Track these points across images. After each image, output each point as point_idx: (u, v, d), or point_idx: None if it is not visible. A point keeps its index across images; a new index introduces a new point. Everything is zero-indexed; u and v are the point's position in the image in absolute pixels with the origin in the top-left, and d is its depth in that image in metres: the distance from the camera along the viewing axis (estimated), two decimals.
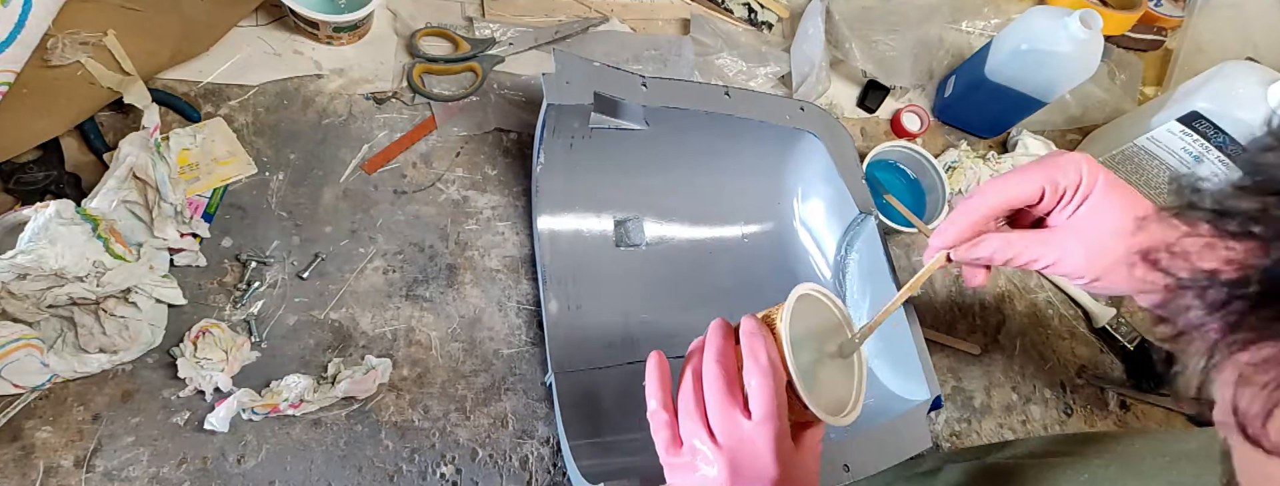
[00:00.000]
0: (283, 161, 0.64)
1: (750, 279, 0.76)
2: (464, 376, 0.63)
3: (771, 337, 0.47)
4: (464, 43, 0.73)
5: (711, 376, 0.47)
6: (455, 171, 0.70)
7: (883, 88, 0.88)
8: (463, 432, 0.61)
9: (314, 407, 0.57)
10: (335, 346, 0.60)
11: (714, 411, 0.46)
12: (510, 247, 0.69)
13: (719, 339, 0.49)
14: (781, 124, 0.71)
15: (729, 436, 0.45)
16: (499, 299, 0.67)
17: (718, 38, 0.82)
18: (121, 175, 0.54)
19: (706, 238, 0.77)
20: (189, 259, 0.58)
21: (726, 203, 0.77)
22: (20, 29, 0.51)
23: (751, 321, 0.48)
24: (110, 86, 0.56)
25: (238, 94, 0.64)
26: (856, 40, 0.83)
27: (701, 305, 0.74)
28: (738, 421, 0.45)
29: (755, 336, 0.47)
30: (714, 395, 0.46)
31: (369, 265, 0.64)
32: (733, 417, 0.45)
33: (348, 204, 0.65)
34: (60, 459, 0.51)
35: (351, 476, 0.57)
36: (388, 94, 0.69)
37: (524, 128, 0.73)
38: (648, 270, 0.73)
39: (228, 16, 0.64)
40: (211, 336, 0.56)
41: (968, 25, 0.96)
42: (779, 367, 0.46)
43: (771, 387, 0.45)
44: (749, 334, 0.47)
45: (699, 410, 0.47)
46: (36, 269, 0.48)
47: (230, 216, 0.61)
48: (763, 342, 0.46)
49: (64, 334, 0.52)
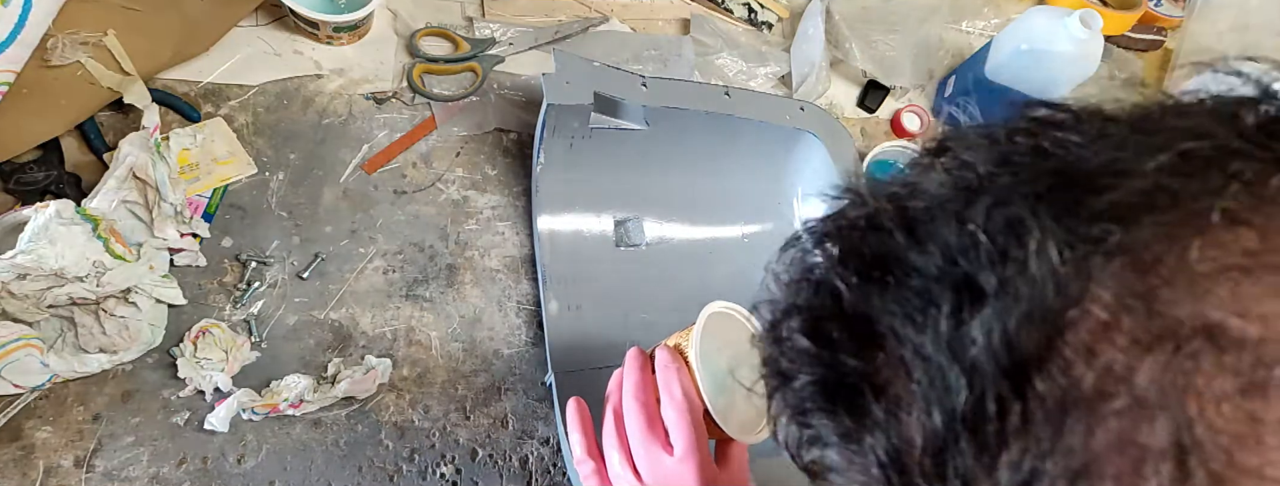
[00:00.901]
0: (283, 161, 0.64)
1: (750, 279, 0.76)
2: (464, 376, 0.63)
3: (685, 367, 0.47)
4: (464, 43, 0.73)
5: (631, 414, 0.47)
6: (455, 171, 0.70)
7: (883, 88, 0.88)
8: (463, 432, 0.61)
9: (314, 407, 0.57)
10: (335, 346, 0.60)
11: (637, 450, 0.47)
12: (510, 247, 0.69)
13: (636, 373, 0.49)
14: (781, 124, 0.71)
15: (654, 475, 0.46)
16: (499, 299, 0.67)
17: (718, 38, 0.82)
18: (121, 175, 0.54)
19: (706, 237, 0.77)
20: (189, 259, 0.58)
21: (726, 203, 0.77)
22: (20, 29, 0.51)
23: (664, 353, 0.49)
24: (110, 86, 0.56)
25: (238, 94, 0.64)
26: (856, 40, 0.83)
27: (701, 305, 0.74)
28: (660, 459, 0.46)
29: (668, 369, 0.47)
30: (635, 434, 0.47)
31: (369, 265, 0.64)
32: (655, 456, 0.46)
33: (348, 204, 0.65)
34: (60, 459, 0.51)
35: (351, 476, 0.57)
36: (388, 94, 0.69)
37: (524, 128, 0.73)
38: (648, 270, 0.73)
39: (228, 16, 0.64)
40: (211, 336, 0.56)
41: (968, 25, 0.96)
42: (694, 399, 0.46)
43: (689, 421, 0.45)
44: (662, 368, 0.48)
45: (623, 450, 0.48)
46: (36, 269, 0.48)
47: (230, 216, 0.61)
48: (675, 375, 0.47)
49: (64, 334, 0.52)
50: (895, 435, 0.20)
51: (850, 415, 0.21)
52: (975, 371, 0.18)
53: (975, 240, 0.19)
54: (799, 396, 0.23)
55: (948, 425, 0.18)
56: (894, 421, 0.20)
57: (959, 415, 0.18)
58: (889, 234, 0.21)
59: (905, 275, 0.20)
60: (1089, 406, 0.17)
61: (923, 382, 0.19)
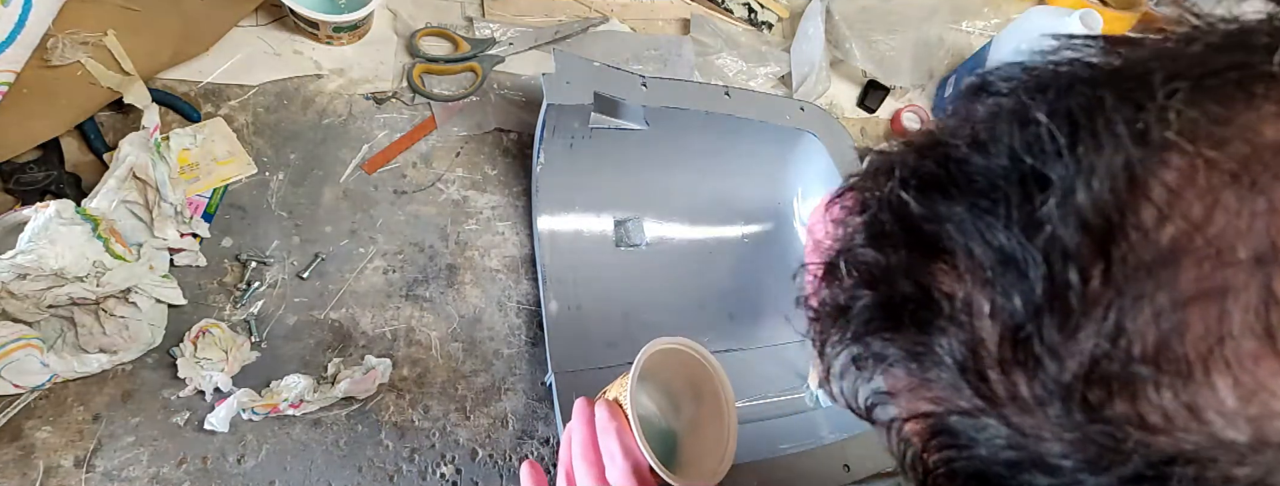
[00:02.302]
0: (283, 161, 0.64)
1: (750, 279, 0.76)
2: (464, 376, 0.63)
3: (624, 424, 0.47)
4: (464, 43, 0.73)
5: (582, 477, 0.47)
6: (455, 171, 0.70)
7: (883, 88, 0.88)
8: (463, 432, 0.61)
9: (314, 407, 0.57)
10: (335, 346, 0.60)
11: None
12: (510, 248, 0.69)
13: (583, 429, 0.48)
14: (781, 124, 0.71)
15: None
16: (499, 299, 0.67)
17: (718, 38, 0.82)
18: (121, 175, 0.54)
19: (706, 237, 0.77)
20: (189, 259, 0.58)
21: (726, 203, 0.77)
22: (20, 29, 0.51)
23: (603, 411, 0.48)
24: (110, 86, 0.56)
25: (238, 94, 0.64)
26: (856, 40, 0.83)
27: (701, 305, 0.74)
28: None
29: (608, 432, 0.47)
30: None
31: (369, 265, 0.64)
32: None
33: (348, 204, 0.65)
34: (60, 459, 0.51)
35: (351, 476, 0.57)
36: (388, 94, 0.69)
37: (524, 128, 0.73)
38: (648, 270, 0.73)
39: (228, 16, 0.64)
40: (211, 336, 0.56)
41: (968, 25, 0.96)
42: (637, 457, 0.46)
43: (634, 484, 0.45)
44: (602, 431, 0.47)
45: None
46: (36, 269, 0.48)
47: (230, 216, 0.61)
48: (614, 435, 0.46)
49: (64, 334, 0.52)
50: (969, 334, 0.20)
51: (917, 327, 0.21)
52: (1052, 248, 0.18)
53: (1039, 134, 0.19)
54: (860, 321, 0.23)
55: (1027, 305, 0.18)
56: (966, 322, 0.20)
57: (1038, 293, 0.18)
58: (950, 147, 0.22)
59: (969, 181, 0.20)
60: (1170, 255, 0.17)
61: (997, 271, 0.19)
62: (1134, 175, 0.18)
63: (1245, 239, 0.16)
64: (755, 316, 0.75)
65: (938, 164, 0.22)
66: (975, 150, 0.21)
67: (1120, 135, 0.18)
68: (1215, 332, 0.16)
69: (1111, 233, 0.18)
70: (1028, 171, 0.19)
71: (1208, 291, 0.17)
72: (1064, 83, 0.20)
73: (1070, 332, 0.18)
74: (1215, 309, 0.17)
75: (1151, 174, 0.18)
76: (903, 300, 0.22)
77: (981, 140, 0.21)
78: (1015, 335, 0.19)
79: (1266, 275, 0.16)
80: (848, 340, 0.24)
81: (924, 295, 0.21)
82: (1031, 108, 0.20)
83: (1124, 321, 0.17)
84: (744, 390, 0.71)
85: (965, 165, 0.21)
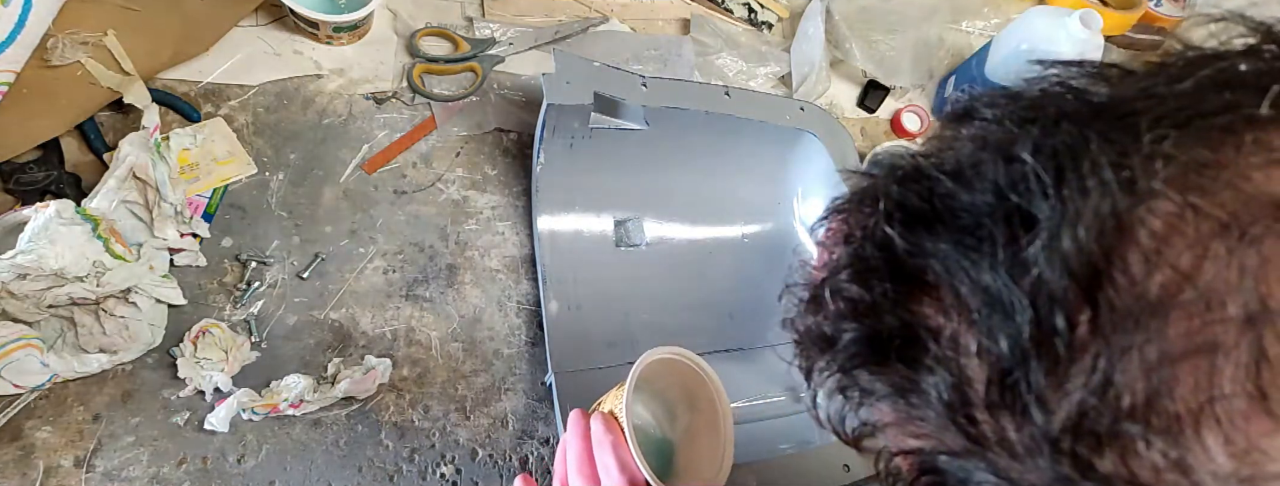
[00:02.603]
0: (283, 161, 0.64)
1: (750, 279, 0.76)
2: (464, 376, 0.63)
3: (619, 437, 0.47)
4: (464, 43, 0.73)
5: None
6: (455, 171, 0.70)
7: (883, 88, 0.88)
8: (463, 432, 0.61)
9: (314, 407, 0.57)
10: (335, 346, 0.60)
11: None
12: (510, 247, 0.69)
13: (578, 443, 0.48)
14: (781, 124, 0.71)
15: None
16: (499, 299, 0.67)
17: (718, 38, 0.82)
18: (121, 175, 0.54)
19: (706, 237, 0.77)
20: (189, 259, 0.58)
21: (726, 203, 0.77)
22: (20, 29, 0.51)
23: (598, 424, 0.48)
24: (110, 86, 0.56)
25: (238, 94, 0.64)
26: (856, 40, 0.83)
27: (701, 305, 0.74)
28: None
29: (603, 445, 0.47)
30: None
31: (369, 265, 0.64)
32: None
33: (348, 204, 0.65)
34: (60, 459, 0.51)
35: (351, 476, 0.57)
36: (388, 94, 0.69)
37: (524, 128, 0.73)
38: (648, 270, 0.73)
39: (228, 16, 0.64)
40: (211, 336, 0.56)
41: (968, 25, 0.96)
42: (633, 471, 0.46)
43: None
44: (598, 444, 0.47)
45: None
46: (36, 269, 0.48)
47: (230, 216, 0.61)
48: (610, 450, 0.46)
49: (64, 334, 0.52)
50: (955, 373, 0.20)
51: (904, 363, 0.21)
52: (1038, 291, 0.18)
53: (1025, 172, 0.19)
54: (846, 355, 0.23)
55: (1013, 348, 0.18)
56: (952, 360, 0.20)
57: (1025, 336, 0.18)
58: (935, 181, 0.21)
59: (954, 216, 0.20)
60: (1159, 306, 0.17)
61: (983, 313, 0.19)
62: (1121, 222, 0.18)
63: (1235, 294, 0.16)
64: (755, 316, 0.75)
65: (922, 198, 0.21)
66: (960, 184, 0.21)
67: (1107, 181, 0.18)
68: (1206, 390, 0.16)
69: (1098, 279, 0.18)
70: (1013, 209, 0.19)
71: (1198, 347, 0.16)
72: (1050, 117, 0.20)
73: (1058, 381, 0.18)
74: (1205, 365, 0.16)
75: (1139, 221, 0.18)
76: (889, 335, 0.21)
77: (966, 174, 0.21)
78: (1002, 378, 0.19)
79: (1258, 333, 0.16)
80: (835, 370, 0.24)
81: (910, 331, 0.21)
82: (1017, 143, 0.20)
83: (1112, 373, 0.17)
84: (744, 390, 0.71)
85: (950, 200, 0.21)
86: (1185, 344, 0.16)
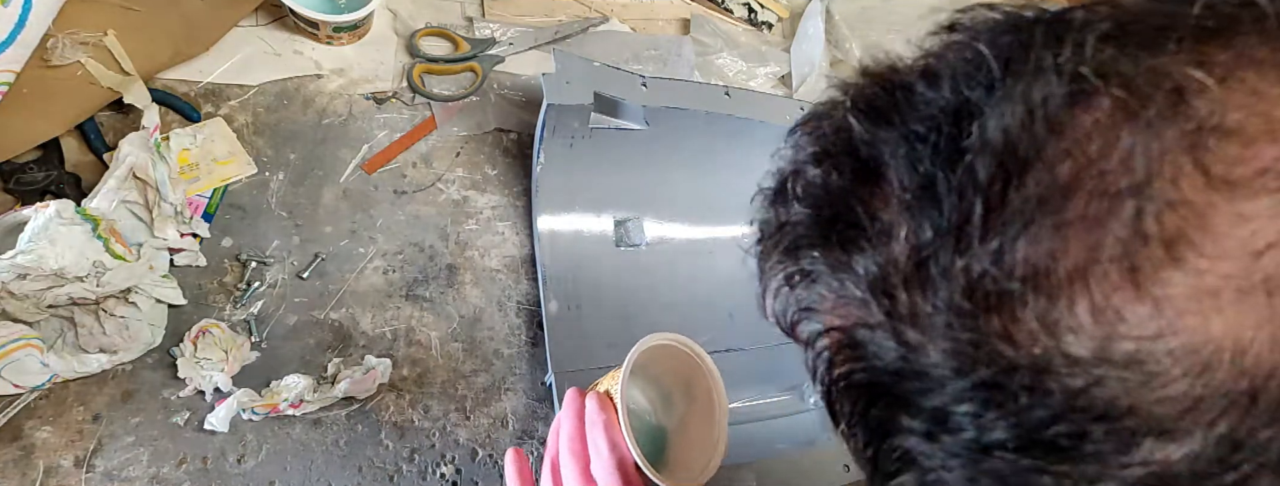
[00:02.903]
0: (283, 161, 0.64)
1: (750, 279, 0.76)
2: (464, 376, 0.63)
3: (613, 417, 0.46)
4: (464, 43, 0.73)
5: (567, 469, 0.47)
6: (455, 171, 0.70)
7: None
8: (463, 432, 0.61)
9: (314, 407, 0.57)
10: (335, 346, 0.60)
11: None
12: (510, 247, 0.69)
13: (572, 421, 0.48)
14: (781, 124, 0.71)
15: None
16: (499, 299, 0.67)
17: (718, 38, 0.82)
18: (121, 175, 0.54)
19: (706, 237, 0.77)
20: (189, 259, 0.58)
21: (726, 203, 0.77)
22: (20, 29, 0.51)
23: (593, 403, 0.47)
24: (110, 86, 0.56)
25: (238, 94, 0.64)
26: (856, 40, 0.83)
27: (701, 305, 0.74)
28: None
29: (596, 425, 0.46)
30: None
31: (369, 265, 0.64)
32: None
33: (348, 204, 0.65)
34: (60, 459, 0.51)
35: (351, 476, 0.57)
36: (388, 94, 0.69)
37: (524, 128, 0.73)
38: (648, 270, 0.73)
39: (228, 16, 0.64)
40: (211, 336, 0.56)
41: None
42: (624, 453, 0.45)
43: (618, 479, 0.45)
44: (591, 423, 0.47)
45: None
46: (36, 269, 0.48)
47: (230, 216, 0.61)
48: (603, 430, 0.46)
49: (64, 334, 0.52)
50: (882, 255, 0.21)
51: (841, 245, 0.22)
52: (966, 180, 0.19)
53: (980, 65, 0.20)
54: (794, 233, 0.24)
55: (934, 233, 0.20)
56: (882, 243, 0.21)
57: (946, 222, 0.19)
58: (902, 76, 0.23)
59: (913, 108, 0.22)
60: (1065, 189, 0.18)
61: (915, 197, 0.20)
62: (1048, 110, 0.19)
63: (1128, 177, 0.18)
64: (755, 316, 0.75)
65: (886, 91, 0.23)
66: (923, 80, 0.22)
67: (1045, 70, 0.19)
68: (1087, 259, 0.18)
69: (1021, 166, 0.19)
70: (963, 102, 0.20)
71: (1088, 220, 0.18)
72: (1015, 21, 0.22)
73: (963, 256, 0.19)
74: (1091, 238, 0.18)
75: (1064, 109, 0.19)
76: (834, 218, 0.23)
77: (932, 71, 0.22)
78: (918, 257, 0.20)
79: (1140, 211, 0.17)
80: (782, 255, 0.25)
81: (853, 215, 0.22)
82: (978, 41, 0.21)
83: (1012, 245, 0.19)
84: (744, 389, 0.71)
85: (911, 94, 0.22)
86: (1077, 216, 0.18)
